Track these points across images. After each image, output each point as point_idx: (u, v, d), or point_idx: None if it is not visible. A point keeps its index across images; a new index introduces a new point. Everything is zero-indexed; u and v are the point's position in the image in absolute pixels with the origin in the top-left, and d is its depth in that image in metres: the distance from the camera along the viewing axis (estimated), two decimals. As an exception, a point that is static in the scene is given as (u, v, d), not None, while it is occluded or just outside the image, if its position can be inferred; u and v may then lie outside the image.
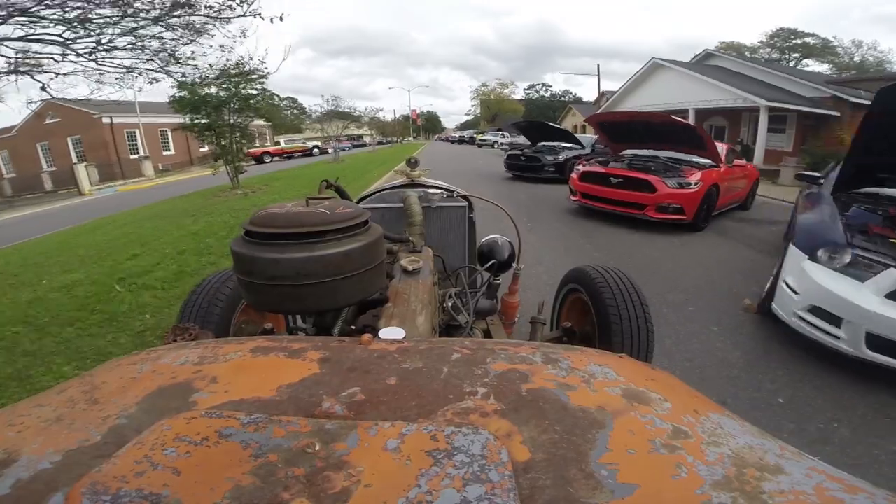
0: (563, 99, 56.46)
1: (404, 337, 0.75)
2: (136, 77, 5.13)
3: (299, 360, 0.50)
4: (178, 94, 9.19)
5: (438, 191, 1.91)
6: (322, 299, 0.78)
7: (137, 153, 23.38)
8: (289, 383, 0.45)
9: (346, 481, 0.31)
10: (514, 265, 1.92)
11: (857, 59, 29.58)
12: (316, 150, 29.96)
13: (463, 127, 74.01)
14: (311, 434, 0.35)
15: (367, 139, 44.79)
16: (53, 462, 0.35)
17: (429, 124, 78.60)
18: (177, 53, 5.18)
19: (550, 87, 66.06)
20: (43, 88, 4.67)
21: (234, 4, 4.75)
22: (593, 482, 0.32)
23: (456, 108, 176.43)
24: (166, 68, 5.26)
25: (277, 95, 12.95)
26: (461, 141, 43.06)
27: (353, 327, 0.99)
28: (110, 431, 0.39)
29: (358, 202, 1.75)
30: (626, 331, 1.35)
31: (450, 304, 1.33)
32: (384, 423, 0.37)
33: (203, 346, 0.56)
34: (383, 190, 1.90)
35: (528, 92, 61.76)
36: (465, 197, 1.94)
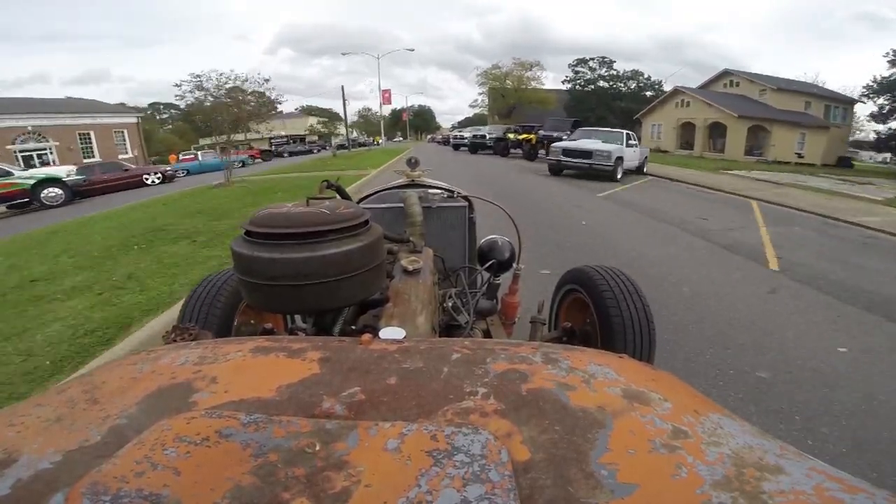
0: (632, 83, 37.08)
1: (404, 337, 0.75)
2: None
3: (299, 360, 0.50)
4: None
5: (438, 191, 1.91)
6: (322, 299, 0.78)
7: None
8: (289, 383, 0.45)
9: (346, 481, 0.31)
10: (514, 265, 1.92)
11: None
12: (154, 179, 14.15)
13: (463, 124, 51.86)
14: (311, 434, 0.35)
15: (335, 141, 38.77)
16: (54, 462, 0.35)
17: (419, 121, 67.21)
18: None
19: (613, 62, 38.27)
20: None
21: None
22: (593, 482, 0.32)
23: (447, 108, 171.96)
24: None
25: (241, 89, 12.05)
26: (475, 145, 21.99)
27: (354, 327, 0.99)
28: (110, 431, 0.38)
29: (358, 202, 1.75)
30: (627, 331, 1.35)
31: (450, 304, 1.33)
32: (384, 423, 0.37)
33: (203, 346, 0.56)
34: (383, 190, 1.90)
35: (576, 70, 38.27)
36: (465, 197, 1.95)
